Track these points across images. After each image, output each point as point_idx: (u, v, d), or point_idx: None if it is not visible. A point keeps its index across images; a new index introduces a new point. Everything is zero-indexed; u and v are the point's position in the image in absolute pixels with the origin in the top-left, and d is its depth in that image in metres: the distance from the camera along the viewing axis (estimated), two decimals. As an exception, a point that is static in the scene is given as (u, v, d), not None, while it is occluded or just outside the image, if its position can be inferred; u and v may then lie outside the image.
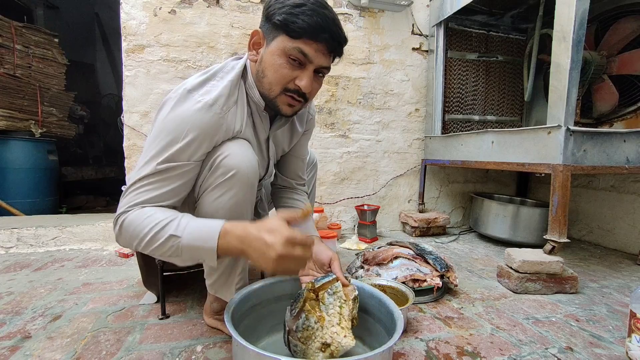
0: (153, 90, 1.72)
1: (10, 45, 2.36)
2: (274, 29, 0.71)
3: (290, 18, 0.68)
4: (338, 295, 0.71)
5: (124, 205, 0.68)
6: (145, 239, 0.64)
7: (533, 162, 1.35)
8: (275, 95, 0.76)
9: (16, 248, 1.61)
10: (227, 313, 0.65)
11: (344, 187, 2.07)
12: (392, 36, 2.06)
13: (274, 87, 0.75)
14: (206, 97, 0.71)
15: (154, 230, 0.64)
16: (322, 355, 0.65)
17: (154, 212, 0.66)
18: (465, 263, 1.54)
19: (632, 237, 1.75)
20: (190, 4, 1.74)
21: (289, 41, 0.70)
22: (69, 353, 0.79)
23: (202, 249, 0.63)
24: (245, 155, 0.75)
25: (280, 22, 0.69)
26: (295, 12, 0.68)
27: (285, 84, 0.74)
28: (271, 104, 0.79)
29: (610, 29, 1.72)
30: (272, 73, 0.73)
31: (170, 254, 0.65)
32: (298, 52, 0.70)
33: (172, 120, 0.69)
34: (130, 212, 0.67)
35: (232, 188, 0.74)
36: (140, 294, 1.11)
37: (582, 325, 0.99)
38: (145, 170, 0.68)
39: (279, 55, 0.71)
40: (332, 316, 0.68)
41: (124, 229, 0.66)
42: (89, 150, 3.94)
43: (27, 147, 2.40)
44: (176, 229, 0.64)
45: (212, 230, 0.64)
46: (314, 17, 0.68)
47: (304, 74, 0.72)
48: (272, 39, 0.72)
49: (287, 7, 0.68)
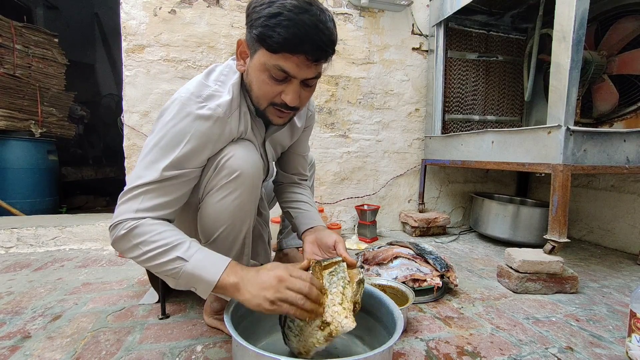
0: (153, 90, 1.72)
1: (10, 45, 2.36)
2: (254, 41, 0.67)
3: (266, 32, 0.62)
4: (341, 276, 0.69)
5: (130, 210, 0.66)
6: (150, 253, 0.64)
7: (533, 162, 1.35)
8: (263, 108, 0.74)
9: (16, 248, 1.61)
10: (226, 313, 0.65)
11: (344, 187, 2.07)
12: (392, 36, 2.06)
13: (260, 102, 0.73)
14: (209, 102, 0.71)
15: (163, 247, 0.64)
16: (320, 333, 0.64)
17: (166, 229, 0.66)
18: (465, 263, 1.54)
19: (632, 237, 1.75)
20: (190, 4, 1.74)
21: (268, 57, 0.65)
22: (69, 353, 0.79)
23: (202, 280, 0.63)
24: (249, 156, 0.76)
25: (258, 36, 0.64)
26: (271, 24, 0.62)
27: (270, 99, 0.72)
28: (261, 115, 0.78)
29: (610, 28, 1.72)
30: (257, 89, 0.71)
31: (169, 274, 0.65)
32: (278, 70, 0.66)
33: (175, 127, 0.68)
34: (140, 221, 0.65)
35: (237, 189, 0.74)
36: (140, 294, 1.11)
37: (582, 325, 0.99)
38: (150, 176, 0.67)
39: (261, 70, 0.68)
40: (334, 295, 0.66)
41: (132, 236, 0.65)
42: (89, 150, 3.94)
43: (27, 147, 2.40)
44: (185, 252, 0.64)
45: (218, 264, 0.65)
46: (290, 29, 0.61)
47: (289, 89, 0.69)
48: (254, 52, 0.69)
49: (263, 18, 0.62)
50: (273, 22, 0.61)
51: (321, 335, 0.64)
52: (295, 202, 1.01)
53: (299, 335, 0.66)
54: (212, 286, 0.63)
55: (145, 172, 0.68)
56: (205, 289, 0.64)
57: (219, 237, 0.79)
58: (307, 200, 1.03)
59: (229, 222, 0.77)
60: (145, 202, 0.67)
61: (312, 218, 0.96)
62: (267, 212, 1.12)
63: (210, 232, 0.79)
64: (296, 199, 1.02)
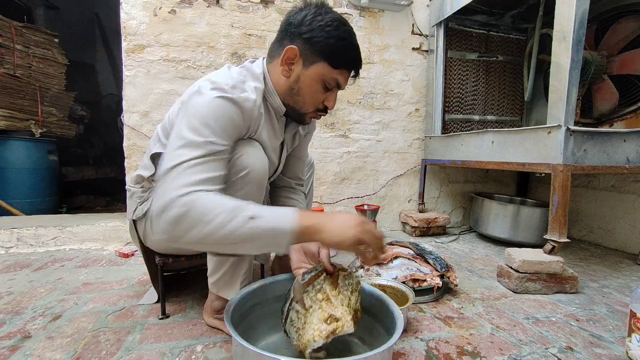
0: (153, 90, 1.72)
1: (10, 45, 2.36)
2: (315, 54, 0.77)
3: (337, 51, 0.76)
4: (350, 282, 0.73)
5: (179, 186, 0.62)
6: (221, 222, 0.60)
7: (533, 162, 1.35)
8: (305, 112, 0.85)
9: (16, 248, 1.61)
10: (226, 313, 0.65)
11: (344, 187, 2.07)
12: (392, 36, 2.06)
13: (307, 107, 0.83)
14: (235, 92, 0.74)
15: (233, 212, 0.60)
16: (324, 326, 0.64)
17: (224, 197, 0.64)
18: (465, 263, 1.54)
19: (632, 237, 1.75)
20: (190, 4, 1.74)
21: (329, 70, 0.78)
22: (69, 353, 0.79)
23: (281, 231, 0.62)
24: (257, 156, 0.80)
25: (326, 53, 0.76)
26: (340, 46, 0.76)
27: (317, 105, 0.83)
28: (296, 116, 0.87)
29: (610, 29, 1.72)
30: (309, 96, 0.81)
31: (246, 236, 0.61)
32: (334, 81, 0.79)
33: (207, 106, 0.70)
34: (197, 194, 0.62)
35: (245, 186, 0.77)
36: (140, 294, 1.11)
37: (582, 325, 0.99)
38: (192, 151, 0.66)
39: (317, 81, 0.79)
40: (344, 296, 0.70)
41: (193, 211, 0.60)
42: (89, 150, 3.94)
43: (27, 147, 2.40)
44: (255, 211, 0.62)
45: (288, 213, 0.64)
46: (353, 52, 0.78)
47: (331, 96, 0.83)
48: (311, 63, 0.78)
49: (333, 40, 0.75)
50: (342, 45, 0.76)
51: (325, 329, 0.64)
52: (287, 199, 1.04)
53: (300, 329, 0.66)
54: (293, 233, 0.62)
55: (185, 150, 0.66)
56: (286, 240, 0.63)
57: None
58: (300, 207, 1.04)
59: None
60: (195, 176, 0.64)
61: None
62: None
63: None
64: (290, 204, 1.04)
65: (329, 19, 0.76)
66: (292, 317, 0.68)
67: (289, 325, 0.69)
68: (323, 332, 0.64)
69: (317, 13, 0.77)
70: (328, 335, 0.64)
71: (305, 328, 0.66)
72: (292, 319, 0.68)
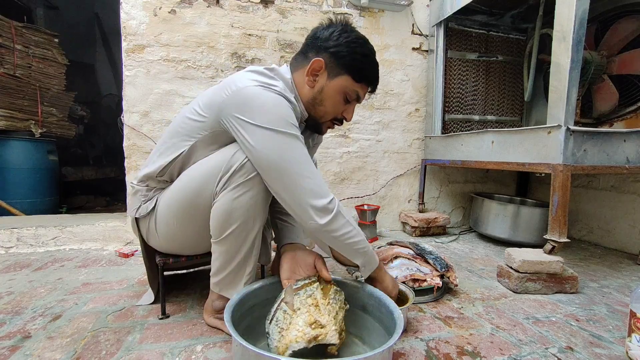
0: (153, 90, 1.72)
1: (10, 45, 2.36)
2: (339, 67, 0.83)
3: (360, 66, 0.84)
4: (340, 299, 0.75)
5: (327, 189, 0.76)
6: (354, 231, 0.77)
7: (533, 162, 1.35)
8: (324, 121, 0.91)
9: (16, 248, 1.61)
10: (226, 313, 0.65)
11: (344, 187, 2.07)
12: (392, 36, 2.06)
13: (327, 116, 0.89)
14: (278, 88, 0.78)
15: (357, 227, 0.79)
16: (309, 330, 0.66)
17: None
18: (465, 263, 1.54)
19: (632, 237, 1.75)
20: (190, 4, 1.74)
21: (351, 83, 0.84)
22: (69, 353, 0.79)
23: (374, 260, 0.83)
24: None
25: (350, 67, 0.83)
26: (364, 62, 0.85)
27: (336, 115, 0.90)
28: (315, 124, 0.92)
29: (610, 29, 1.72)
30: (331, 106, 0.87)
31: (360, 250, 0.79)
32: (355, 94, 0.86)
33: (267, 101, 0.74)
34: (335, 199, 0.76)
35: (253, 188, 0.78)
36: (140, 294, 1.11)
37: (582, 325, 0.99)
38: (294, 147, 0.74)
39: (339, 92, 0.85)
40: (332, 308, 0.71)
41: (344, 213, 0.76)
42: (89, 151, 3.94)
43: (27, 147, 2.40)
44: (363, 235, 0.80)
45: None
46: (375, 69, 0.88)
47: (350, 108, 0.90)
48: (335, 75, 0.84)
49: (358, 56, 0.83)
50: (366, 61, 0.85)
51: (309, 332, 0.65)
52: (285, 215, 1.02)
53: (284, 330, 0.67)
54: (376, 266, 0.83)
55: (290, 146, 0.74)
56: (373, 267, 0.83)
57: (231, 234, 0.80)
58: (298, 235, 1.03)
59: (242, 219, 0.79)
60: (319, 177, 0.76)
61: (297, 234, 0.99)
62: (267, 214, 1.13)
63: (223, 229, 0.80)
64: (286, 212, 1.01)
65: (354, 36, 0.84)
66: (278, 316, 0.69)
67: (274, 325, 0.69)
68: (306, 335, 0.65)
69: (343, 30, 0.84)
70: (310, 340, 0.65)
71: (289, 329, 0.66)
72: (278, 318, 0.69)
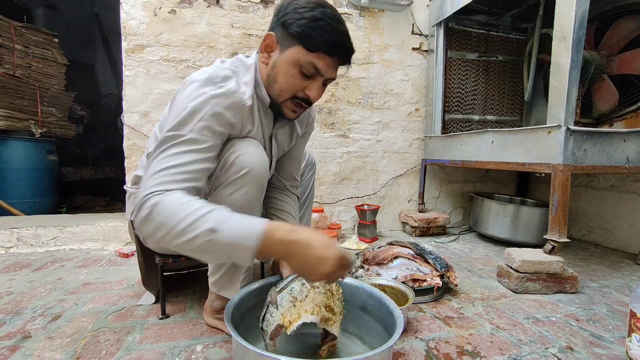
0: (153, 90, 1.72)
1: (10, 45, 2.36)
2: (289, 38, 0.73)
3: (308, 31, 0.70)
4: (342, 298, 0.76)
5: (151, 186, 0.61)
6: (177, 228, 0.57)
7: (533, 161, 1.35)
8: (282, 100, 0.79)
9: (16, 248, 1.61)
10: (226, 313, 0.65)
11: (344, 187, 2.07)
12: (392, 36, 2.06)
13: (283, 94, 0.78)
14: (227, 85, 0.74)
15: (190, 218, 0.57)
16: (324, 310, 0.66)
17: (190, 199, 0.60)
18: (465, 263, 1.54)
19: (632, 237, 1.75)
20: (190, 4, 1.74)
21: (304, 54, 0.72)
22: (69, 353, 0.79)
23: (240, 247, 0.57)
24: (258, 154, 0.79)
25: (298, 34, 0.71)
26: (313, 27, 0.70)
27: (295, 92, 0.77)
28: (276, 107, 0.82)
29: (610, 28, 1.72)
30: (284, 82, 0.76)
31: (203, 249, 0.58)
32: (311, 67, 0.73)
33: (192, 102, 0.69)
34: (163, 193, 0.60)
35: (245, 185, 0.77)
36: (140, 294, 1.11)
37: (582, 324, 0.99)
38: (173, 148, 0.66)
39: (293, 65, 0.74)
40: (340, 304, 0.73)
41: (156, 212, 0.58)
42: (88, 151, 3.94)
43: (27, 147, 2.39)
44: (215, 220, 0.57)
45: (253, 228, 0.58)
46: (331, 34, 0.70)
47: (313, 85, 0.76)
48: (286, 47, 0.74)
49: (305, 20, 0.70)
50: (316, 25, 0.70)
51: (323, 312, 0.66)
52: (279, 211, 1.01)
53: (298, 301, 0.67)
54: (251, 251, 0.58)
55: (164, 147, 0.66)
56: (246, 257, 0.59)
57: None
58: (292, 212, 1.02)
59: None
60: (169, 174, 0.63)
61: None
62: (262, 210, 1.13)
63: None
64: (282, 208, 1.02)
65: (305, 1, 0.72)
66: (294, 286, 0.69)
67: (286, 294, 0.68)
68: (321, 312, 0.65)
69: None
70: (322, 319, 0.65)
71: (306, 301, 0.66)
72: (294, 288, 0.69)
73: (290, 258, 0.60)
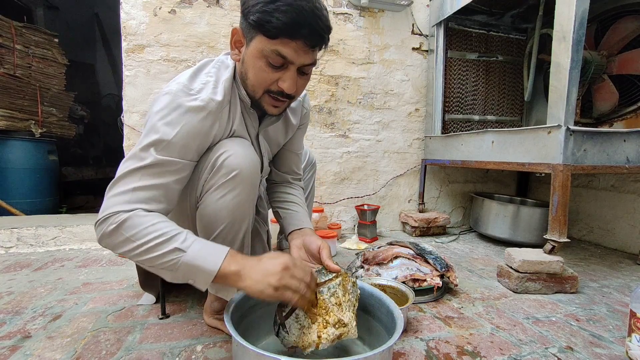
0: (153, 90, 1.72)
1: (10, 45, 2.36)
2: (250, 28, 0.67)
3: (264, 17, 0.62)
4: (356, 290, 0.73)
5: (120, 202, 0.63)
6: (144, 246, 0.61)
7: (533, 162, 1.35)
8: (258, 96, 0.74)
9: (16, 248, 1.61)
10: (226, 313, 0.65)
11: (344, 187, 2.07)
12: (392, 36, 2.06)
13: (256, 90, 0.73)
14: (201, 95, 0.71)
15: (159, 239, 0.61)
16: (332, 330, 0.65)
17: (159, 221, 0.63)
18: (465, 263, 1.54)
19: (632, 237, 1.75)
20: (190, 4, 1.74)
21: (266, 42, 0.65)
22: (69, 353, 0.79)
23: (202, 270, 0.61)
24: (247, 155, 0.76)
25: (255, 22, 0.64)
26: (269, 10, 0.62)
27: (267, 86, 0.72)
28: (256, 104, 0.78)
29: (610, 28, 1.72)
30: (253, 77, 0.71)
31: (166, 267, 0.62)
32: (276, 55, 0.66)
33: (165, 117, 0.67)
34: (132, 212, 0.62)
35: (236, 188, 0.74)
36: (140, 294, 1.11)
37: (582, 324, 0.99)
38: (137, 163, 0.65)
39: (258, 57, 0.68)
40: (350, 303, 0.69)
41: (123, 229, 0.61)
42: (89, 150, 3.94)
43: (27, 147, 2.40)
44: (182, 243, 0.61)
45: (217, 253, 0.63)
46: (289, 13, 0.61)
47: (286, 76, 0.69)
48: (250, 39, 0.68)
49: (260, 4, 0.63)
50: (271, 8, 0.62)
51: (332, 333, 0.65)
52: (284, 202, 0.99)
53: (306, 327, 0.66)
54: (212, 276, 0.61)
55: (133, 162, 0.66)
56: (206, 280, 0.62)
57: (218, 236, 0.79)
58: (297, 201, 1.00)
59: (228, 220, 0.77)
60: (137, 193, 0.64)
61: (300, 219, 0.93)
62: (265, 211, 1.12)
63: (210, 231, 0.79)
64: (286, 199, 0.99)
65: None
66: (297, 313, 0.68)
67: (292, 321, 0.68)
68: (331, 335, 0.65)
69: None
70: (334, 340, 0.65)
71: (313, 327, 0.66)
72: (299, 314, 0.68)
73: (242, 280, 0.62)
